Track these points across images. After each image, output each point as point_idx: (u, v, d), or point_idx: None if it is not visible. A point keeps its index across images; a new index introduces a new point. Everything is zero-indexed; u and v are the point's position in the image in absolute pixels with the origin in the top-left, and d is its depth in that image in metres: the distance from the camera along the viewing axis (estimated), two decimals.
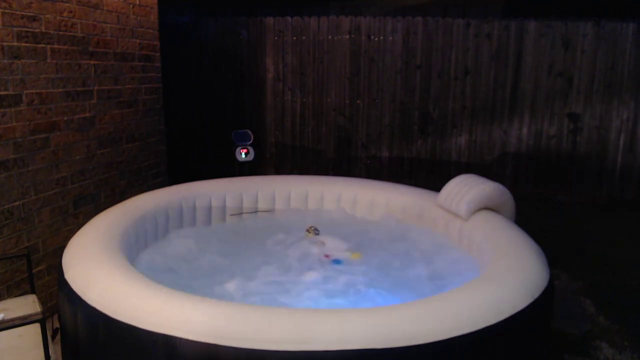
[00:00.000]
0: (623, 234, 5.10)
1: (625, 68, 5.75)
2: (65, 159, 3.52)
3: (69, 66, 3.50)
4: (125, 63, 4.12)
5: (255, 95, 6.35)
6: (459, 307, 2.10)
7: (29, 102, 3.18)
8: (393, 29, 6.00)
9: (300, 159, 6.42)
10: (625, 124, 5.85)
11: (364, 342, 1.89)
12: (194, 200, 3.75)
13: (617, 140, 5.90)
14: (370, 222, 3.89)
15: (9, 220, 3.09)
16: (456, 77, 6.02)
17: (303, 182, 4.17)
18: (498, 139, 6.08)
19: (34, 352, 2.17)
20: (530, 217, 4.57)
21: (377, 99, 6.16)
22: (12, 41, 3.03)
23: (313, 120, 6.31)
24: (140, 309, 2.08)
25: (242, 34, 6.21)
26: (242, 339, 1.90)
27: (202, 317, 1.99)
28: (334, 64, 6.15)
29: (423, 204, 3.74)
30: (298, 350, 1.87)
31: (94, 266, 2.42)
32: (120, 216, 3.11)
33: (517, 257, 2.60)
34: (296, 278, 2.97)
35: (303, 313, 2.08)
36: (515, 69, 5.92)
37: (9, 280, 3.12)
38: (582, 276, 4.19)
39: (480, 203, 3.31)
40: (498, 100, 6.01)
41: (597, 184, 6.01)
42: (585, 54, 5.79)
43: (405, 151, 6.23)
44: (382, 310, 2.08)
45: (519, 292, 2.27)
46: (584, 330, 3.39)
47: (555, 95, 5.91)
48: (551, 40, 5.81)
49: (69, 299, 2.32)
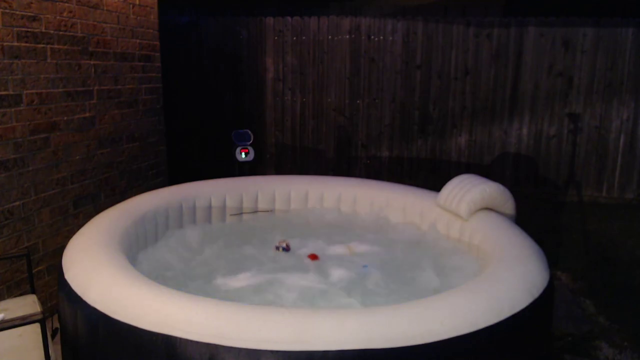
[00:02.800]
0: (623, 234, 5.10)
1: (625, 68, 5.75)
2: (65, 159, 3.52)
3: (69, 66, 3.50)
4: (125, 63, 4.12)
5: (255, 95, 6.35)
6: (459, 307, 2.10)
7: (29, 102, 3.18)
8: (393, 29, 6.00)
9: (300, 159, 6.42)
10: (625, 124, 5.85)
11: (364, 342, 1.89)
12: (194, 200, 3.74)
13: (617, 140, 5.90)
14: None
15: (9, 220, 3.09)
16: (456, 77, 6.02)
17: (303, 182, 4.17)
18: (498, 139, 6.08)
19: (34, 352, 2.17)
20: (530, 217, 4.57)
21: (377, 99, 6.16)
22: (12, 41, 3.03)
23: (313, 120, 6.31)
24: (140, 309, 2.07)
25: (242, 34, 6.21)
26: (242, 339, 1.90)
27: (202, 317, 1.99)
28: (334, 64, 6.15)
29: (423, 204, 3.74)
30: (298, 350, 1.87)
31: (94, 266, 2.42)
32: (120, 216, 3.11)
33: (517, 257, 2.60)
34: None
35: (303, 313, 2.08)
36: (515, 69, 5.92)
37: (9, 280, 3.12)
38: (582, 276, 4.20)
39: (480, 203, 3.31)
40: (498, 100, 6.01)
41: (597, 184, 6.01)
42: (585, 54, 5.79)
43: (405, 151, 6.23)
44: (382, 310, 2.08)
45: (519, 292, 2.27)
46: (584, 330, 3.39)
47: (555, 95, 5.91)
48: (551, 40, 5.81)
49: (69, 299, 2.32)
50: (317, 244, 3.46)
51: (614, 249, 4.75)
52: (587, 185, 6.01)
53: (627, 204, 5.92)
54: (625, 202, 5.94)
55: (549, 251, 2.86)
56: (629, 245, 4.82)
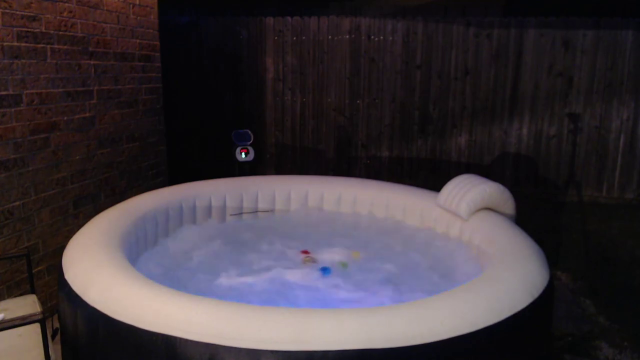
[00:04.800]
0: (623, 234, 5.10)
1: (625, 68, 5.75)
2: (65, 159, 3.52)
3: (69, 66, 3.50)
4: (125, 63, 4.12)
5: (255, 95, 6.35)
6: (459, 307, 2.10)
7: (29, 102, 3.18)
8: (393, 29, 6.00)
9: (300, 159, 6.42)
10: (625, 124, 5.85)
11: (364, 342, 1.89)
12: (194, 200, 3.75)
13: (617, 140, 5.90)
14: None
15: (9, 220, 3.09)
16: (456, 77, 6.02)
17: (303, 182, 4.17)
18: (498, 139, 6.08)
19: (34, 352, 2.17)
20: (530, 217, 4.57)
21: (377, 99, 6.16)
22: (12, 41, 3.03)
23: (313, 120, 6.31)
24: (140, 309, 2.07)
25: (242, 34, 6.21)
26: (242, 339, 1.90)
27: (202, 317, 1.99)
28: (334, 64, 6.15)
29: (423, 204, 3.74)
30: (298, 350, 1.87)
31: (94, 266, 2.42)
32: (120, 216, 3.11)
33: (517, 257, 2.60)
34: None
35: (303, 313, 2.08)
36: (515, 69, 5.92)
37: (9, 280, 3.12)
38: (582, 276, 4.20)
39: (480, 203, 3.31)
40: (498, 100, 6.01)
41: (597, 184, 6.01)
42: (585, 54, 5.79)
43: (405, 151, 6.23)
44: (382, 310, 2.08)
45: (519, 292, 2.27)
46: (584, 330, 3.39)
47: (555, 95, 5.91)
48: (551, 40, 5.81)
49: (69, 299, 2.32)
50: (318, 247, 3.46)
51: (614, 249, 4.75)
52: (587, 185, 6.01)
53: (627, 204, 5.92)
54: (625, 202, 5.93)
55: (549, 251, 2.87)
56: (629, 245, 4.81)
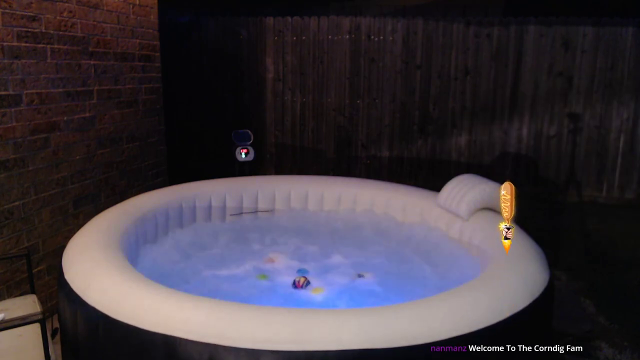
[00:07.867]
0: (623, 233, 5.10)
1: (625, 68, 5.75)
2: (65, 159, 3.52)
3: (69, 66, 3.50)
4: (125, 63, 4.12)
5: (255, 95, 6.35)
6: (459, 307, 2.10)
7: (29, 102, 3.18)
8: (393, 29, 6.00)
9: (300, 159, 6.42)
10: (625, 124, 5.84)
11: (364, 342, 1.89)
12: (194, 200, 3.75)
13: (617, 140, 5.89)
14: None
15: (9, 220, 3.09)
16: (456, 77, 6.01)
17: (303, 182, 4.17)
18: (498, 139, 6.07)
19: (34, 352, 2.17)
20: (530, 217, 4.57)
21: (377, 99, 6.16)
22: (12, 41, 3.03)
23: (313, 120, 6.31)
24: (140, 309, 2.08)
25: (242, 34, 6.20)
26: (242, 339, 1.90)
27: (202, 317, 1.99)
28: (334, 64, 6.15)
29: (423, 204, 3.74)
30: (297, 350, 1.87)
31: (94, 266, 2.42)
32: (120, 216, 3.11)
33: (517, 257, 2.60)
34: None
35: (303, 313, 2.08)
36: (515, 69, 5.92)
37: (9, 280, 3.12)
38: (582, 276, 4.19)
39: (480, 203, 3.31)
40: (498, 100, 6.01)
41: (597, 184, 6.00)
42: (585, 54, 5.79)
43: (405, 151, 6.23)
44: (382, 310, 2.08)
45: (519, 292, 2.27)
46: (584, 330, 3.39)
47: (555, 95, 5.90)
48: (551, 40, 5.80)
49: (69, 299, 2.32)
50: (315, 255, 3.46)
51: (614, 249, 4.75)
52: (587, 185, 6.00)
53: (627, 204, 5.91)
54: (625, 202, 5.93)
55: (549, 251, 2.86)
56: (629, 245, 4.81)
